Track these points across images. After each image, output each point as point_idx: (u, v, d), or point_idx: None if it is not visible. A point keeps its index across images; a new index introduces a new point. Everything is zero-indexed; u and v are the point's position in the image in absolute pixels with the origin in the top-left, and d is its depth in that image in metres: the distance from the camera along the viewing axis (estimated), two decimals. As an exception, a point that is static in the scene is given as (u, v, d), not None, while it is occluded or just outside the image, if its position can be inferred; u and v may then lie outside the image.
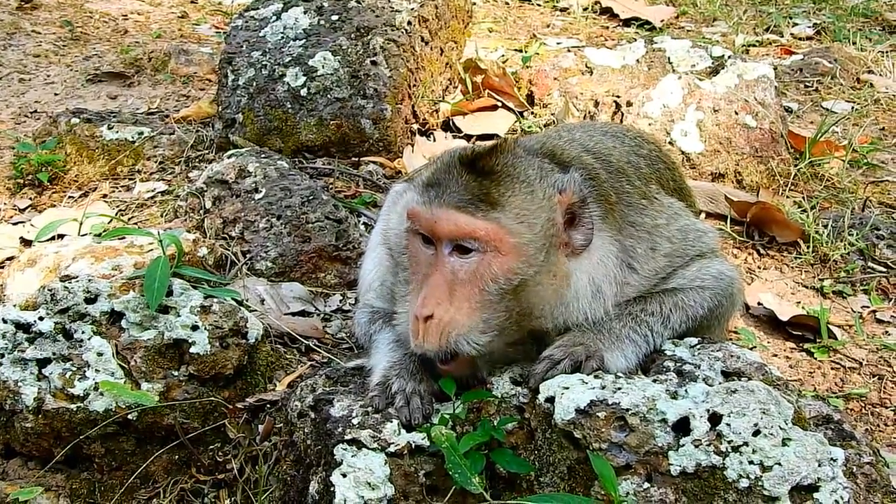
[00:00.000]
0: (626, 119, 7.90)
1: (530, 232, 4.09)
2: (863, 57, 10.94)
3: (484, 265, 4.05)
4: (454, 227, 4.04)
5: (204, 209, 6.69)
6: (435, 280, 4.08)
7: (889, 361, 6.06)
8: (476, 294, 4.07)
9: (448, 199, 4.06)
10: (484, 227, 4.03)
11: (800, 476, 3.63)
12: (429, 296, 4.06)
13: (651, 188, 4.85)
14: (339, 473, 3.98)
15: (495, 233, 4.04)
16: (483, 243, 4.04)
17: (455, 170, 4.13)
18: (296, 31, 8.08)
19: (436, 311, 4.03)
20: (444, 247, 4.08)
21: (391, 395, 4.23)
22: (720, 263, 4.76)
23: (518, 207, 4.09)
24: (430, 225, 4.09)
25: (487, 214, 4.04)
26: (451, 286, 4.07)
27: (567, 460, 3.89)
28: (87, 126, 7.84)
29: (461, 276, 4.06)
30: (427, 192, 4.14)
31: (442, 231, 4.06)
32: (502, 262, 4.05)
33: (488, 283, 4.06)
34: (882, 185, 8.16)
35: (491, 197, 4.07)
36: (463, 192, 4.07)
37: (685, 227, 4.75)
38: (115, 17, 11.78)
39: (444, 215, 4.05)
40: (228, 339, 4.96)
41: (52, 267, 5.78)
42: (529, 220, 4.10)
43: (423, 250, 4.19)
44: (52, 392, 4.66)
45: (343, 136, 7.69)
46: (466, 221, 4.03)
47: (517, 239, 4.06)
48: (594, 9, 12.52)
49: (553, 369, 4.10)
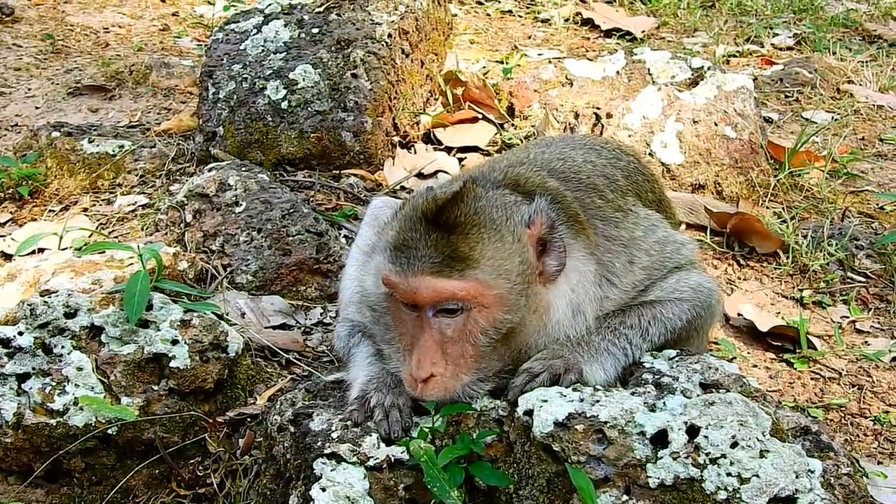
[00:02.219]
0: (606, 131, 7.92)
1: (508, 281, 4.09)
2: (843, 67, 10.97)
3: (471, 322, 4.07)
4: (434, 294, 4.03)
5: (184, 223, 6.68)
6: (425, 342, 4.09)
7: (868, 371, 6.08)
8: (469, 349, 4.10)
9: (421, 266, 4.03)
10: (462, 287, 4.02)
11: (777, 488, 3.64)
12: (423, 358, 4.08)
13: (627, 200, 4.85)
14: (318, 487, 3.98)
15: (475, 290, 4.03)
16: (465, 302, 4.04)
17: (421, 227, 4.09)
18: (276, 44, 8.08)
19: (433, 370, 4.08)
20: (428, 311, 4.09)
21: (370, 408, 4.22)
22: (699, 275, 4.77)
23: (491, 258, 4.08)
24: (410, 295, 4.08)
25: (464, 273, 4.03)
26: (442, 345, 4.10)
27: (546, 473, 3.90)
28: (68, 139, 7.82)
29: (450, 334, 4.09)
30: (398, 259, 4.10)
31: (422, 299, 4.06)
32: (487, 314, 4.07)
33: (478, 337, 4.09)
34: (862, 195, 8.18)
35: (462, 253, 4.04)
36: (434, 254, 4.04)
37: (663, 238, 4.76)
38: (97, 30, 11.75)
39: (422, 284, 4.03)
40: (208, 352, 4.96)
41: (32, 281, 5.77)
42: (504, 268, 4.10)
43: (406, 312, 4.19)
44: (31, 407, 4.66)
45: (324, 149, 7.69)
46: (444, 286, 4.02)
47: (497, 290, 4.07)
48: (575, 20, 12.52)
49: (532, 382, 4.11)
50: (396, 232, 4.18)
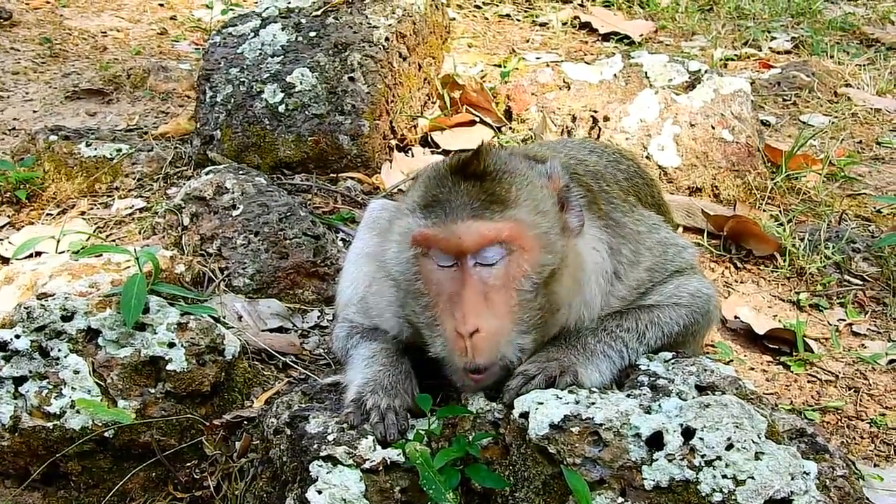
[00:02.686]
0: (603, 134, 7.93)
1: (545, 221, 4.10)
2: (840, 70, 10.98)
3: (513, 266, 4.02)
4: (478, 237, 3.98)
5: (182, 226, 6.68)
6: (468, 294, 4.00)
7: (865, 374, 6.08)
8: (513, 297, 4.04)
9: (460, 212, 4.01)
10: (505, 227, 3.99)
11: (773, 490, 3.64)
12: (468, 311, 3.98)
13: (630, 199, 4.88)
14: (314, 490, 3.98)
15: (517, 230, 4.01)
16: (508, 244, 4.00)
17: (449, 182, 4.08)
18: (273, 48, 8.09)
19: (480, 324, 3.97)
20: (469, 260, 4.02)
21: (366, 411, 4.20)
22: (698, 281, 4.77)
23: (527, 199, 4.09)
24: (453, 244, 4.01)
25: (504, 214, 4.01)
26: (486, 296, 4.01)
27: (542, 475, 3.90)
28: (66, 143, 7.83)
29: (493, 282, 4.01)
30: (431, 213, 4.07)
31: (466, 245, 3.99)
32: (529, 257, 4.03)
33: (521, 282, 4.03)
34: (859, 198, 8.19)
35: (499, 196, 4.04)
36: (471, 199, 4.02)
37: (665, 240, 4.78)
38: (94, 33, 11.77)
39: (465, 229, 3.98)
40: (205, 355, 4.96)
41: (29, 285, 5.77)
42: (540, 208, 4.11)
43: (440, 271, 4.10)
44: (28, 410, 4.66)
45: (321, 152, 7.70)
46: (488, 227, 3.98)
47: (537, 230, 4.06)
48: (573, 24, 12.53)
49: (527, 385, 4.10)
50: (421, 193, 4.16)
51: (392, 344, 4.61)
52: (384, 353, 4.53)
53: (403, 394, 4.29)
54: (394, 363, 4.47)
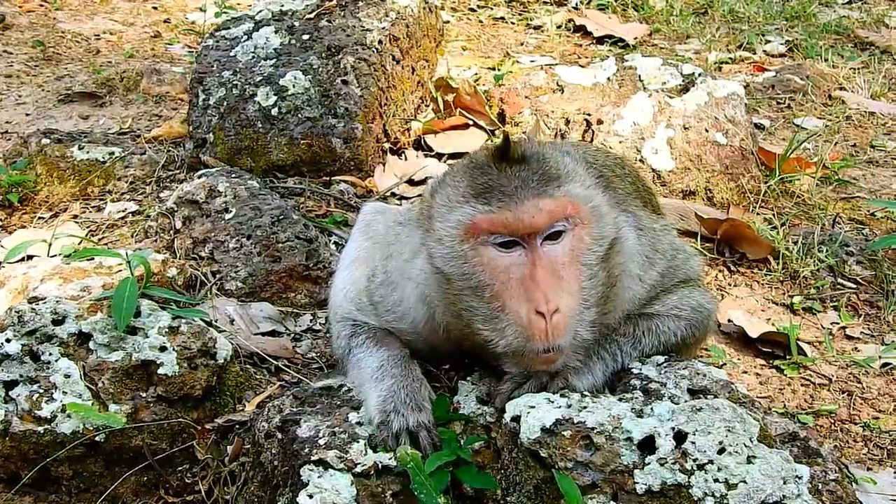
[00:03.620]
0: (596, 137, 7.92)
1: (595, 193, 4.13)
2: (834, 74, 10.99)
3: (576, 240, 4.01)
4: (546, 215, 3.96)
5: (174, 229, 6.68)
6: (542, 274, 3.96)
7: (859, 378, 6.07)
8: (582, 271, 4.03)
9: (523, 193, 3.97)
10: (567, 201, 4.00)
11: (765, 494, 3.63)
12: (547, 290, 3.94)
13: (638, 202, 4.89)
14: (305, 494, 3.97)
15: (576, 205, 4.02)
16: (571, 218, 4.00)
17: (496, 168, 4.06)
18: (266, 51, 8.08)
19: (560, 302, 3.94)
20: (537, 239, 3.98)
21: (395, 433, 4.11)
22: (701, 295, 4.76)
23: (574, 173, 4.12)
24: (520, 224, 3.96)
25: (561, 188, 4.02)
26: (558, 274, 3.99)
27: (533, 479, 3.89)
28: (58, 146, 7.80)
29: (562, 259, 4.00)
30: (491, 198, 4.01)
31: (537, 223, 3.96)
32: (589, 231, 4.04)
33: (587, 256, 4.03)
34: (853, 201, 8.19)
35: (551, 174, 4.04)
36: (528, 179, 4.01)
37: (674, 245, 4.80)
38: (88, 36, 11.76)
39: (532, 208, 3.95)
40: (197, 359, 4.94)
41: (21, 288, 5.76)
42: (587, 183, 4.15)
43: (504, 257, 4.02)
44: (19, 414, 4.64)
45: (314, 156, 7.68)
46: (553, 204, 3.97)
47: (591, 203, 4.08)
48: (567, 27, 12.55)
49: (519, 388, 4.10)
50: (469, 182, 4.11)
51: (399, 349, 4.58)
52: (393, 361, 4.47)
53: (423, 403, 4.23)
54: (405, 371, 4.41)
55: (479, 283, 4.06)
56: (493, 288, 4.03)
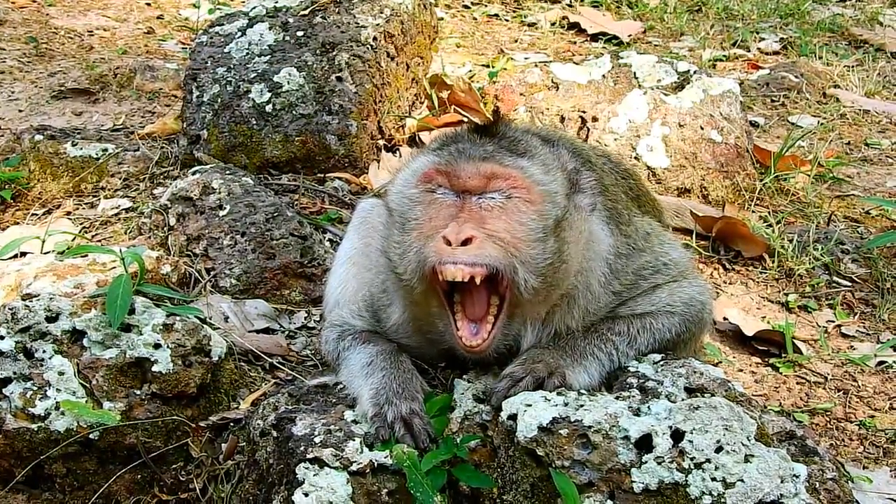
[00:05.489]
0: (591, 135, 7.91)
1: (554, 182, 4.15)
2: (829, 72, 11.00)
3: (512, 206, 4.05)
4: (483, 178, 4.06)
5: (168, 226, 6.66)
6: (464, 216, 4.03)
7: (854, 376, 6.07)
8: (516, 228, 4.03)
9: (472, 154, 4.10)
10: (513, 173, 4.07)
11: (762, 492, 3.63)
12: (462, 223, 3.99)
13: (630, 203, 4.88)
14: (301, 492, 3.96)
15: (523, 181, 4.07)
16: (513, 189, 4.05)
17: (468, 135, 4.22)
18: (261, 47, 8.05)
19: (475, 233, 3.95)
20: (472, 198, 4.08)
21: (390, 423, 4.15)
22: (692, 287, 4.75)
23: (540, 157, 4.20)
24: (456, 179, 4.08)
25: (515, 162, 4.10)
26: (482, 221, 4.02)
27: (530, 478, 3.88)
28: (51, 143, 7.77)
29: (492, 213, 4.04)
30: (445, 152, 4.15)
31: (472, 183, 4.06)
32: (532, 208, 4.06)
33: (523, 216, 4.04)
34: (847, 199, 8.19)
35: (514, 149, 4.15)
36: (487, 147, 4.13)
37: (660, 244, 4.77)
38: (81, 33, 11.71)
39: (472, 167, 4.07)
40: (191, 357, 4.93)
41: (14, 285, 5.73)
42: (551, 171, 4.18)
43: (439, 200, 4.13)
44: (12, 412, 4.62)
45: (308, 152, 7.66)
46: (495, 169, 4.06)
47: (544, 187, 4.11)
48: (562, 24, 12.53)
49: (515, 387, 4.09)
50: (440, 144, 4.28)
51: (387, 344, 4.60)
52: (382, 356, 4.49)
53: (415, 393, 4.28)
54: (394, 364, 4.44)
55: (408, 218, 4.19)
56: (418, 223, 4.16)
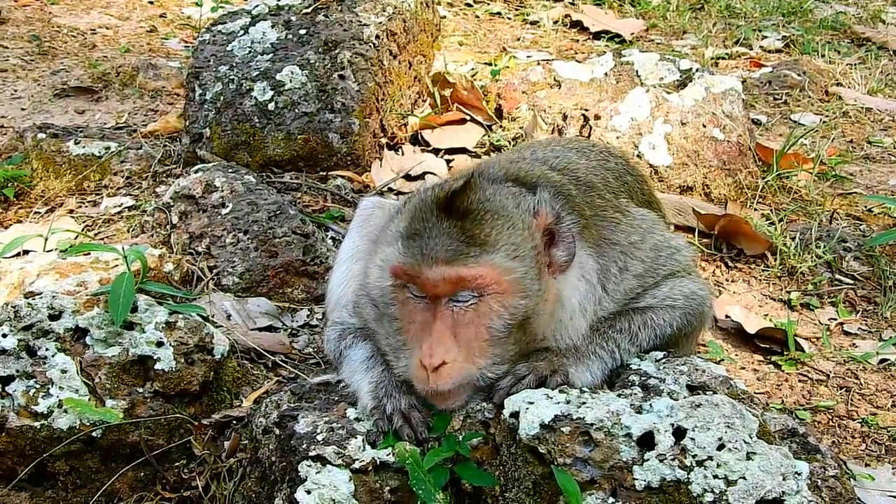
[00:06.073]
0: (594, 132, 7.90)
1: (523, 265, 4.06)
2: (831, 69, 11.00)
3: (485, 308, 4.02)
4: (450, 283, 3.99)
5: (171, 224, 6.66)
6: (437, 329, 4.03)
7: (856, 374, 6.07)
8: (483, 334, 4.05)
9: (437, 254, 3.99)
10: (480, 273, 3.98)
11: (764, 490, 3.63)
12: (435, 345, 4.01)
13: (621, 201, 4.84)
14: (303, 490, 3.96)
15: (492, 275, 4.00)
16: (480, 289, 4.00)
17: (433, 216, 4.06)
18: (263, 46, 8.05)
19: (446, 357, 4.00)
20: (442, 300, 4.04)
21: (388, 416, 4.18)
22: (692, 282, 4.73)
23: (506, 243, 4.05)
24: (422, 284, 4.04)
25: (479, 258, 3.99)
26: (455, 332, 4.03)
27: (532, 475, 3.88)
28: (54, 141, 7.78)
29: (465, 321, 4.03)
30: (410, 249, 4.06)
31: (436, 288, 4.01)
32: (502, 300, 4.03)
33: (493, 322, 4.03)
34: (850, 197, 8.19)
35: (477, 239, 4.01)
36: (449, 241, 4.00)
37: (658, 244, 4.74)
38: (84, 31, 11.72)
39: (439, 273, 3.98)
40: (194, 355, 4.94)
41: (17, 283, 5.74)
42: (519, 252, 4.07)
43: (414, 304, 4.13)
44: (15, 410, 4.62)
45: (311, 151, 7.66)
46: (462, 273, 3.98)
47: (513, 275, 4.03)
48: (564, 22, 12.53)
49: (517, 384, 4.09)
50: (408, 222, 4.14)
51: None
52: (381, 352, 4.49)
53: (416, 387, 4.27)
54: None
55: (393, 316, 4.23)
56: (400, 323, 4.20)
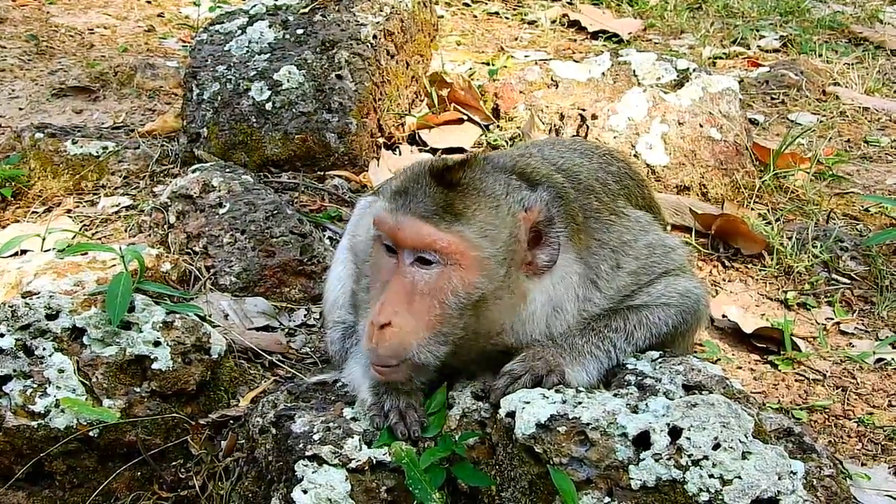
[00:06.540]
0: (591, 132, 7.90)
1: (492, 246, 4.09)
2: (829, 69, 10.99)
3: (444, 278, 4.05)
4: (416, 237, 4.04)
5: (168, 224, 6.66)
6: (394, 288, 4.08)
7: (853, 373, 6.08)
8: (435, 307, 4.06)
9: (413, 208, 4.06)
10: (446, 238, 4.03)
11: (760, 489, 3.64)
12: (387, 303, 4.05)
13: (619, 203, 4.83)
14: (300, 490, 3.97)
15: (457, 245, 4.03)
16: (444, 255, 4.03)
17: (423, 180, 4.13)
18: (261, 45, 8.05)
19: (393, 319, 4.03)
20: (406, 256, 4.08)
21: (385, 412, 4.21)
22: (687, 281, 4.74)
23: (482, 221, 4.09)
24: (394, 233, 4.09)
25: (451, 226, 4.04)
26: (411, 296, 4.06)
27: (528, 475, 3.89)
28: (52, 141, 7.77)
29: (421, 286, 4.06)
30: (394, 201, 4.13)
31: (404, 240, 4.06)
32: (462, 275, 4.05)
33: (448, 297, 4.05)
34: (847, 197, 8.19)
35: (455, 209, 4.07)
36: (429, 202, 4.07)
37: (653, 243, 4.74)
38: (81, 31, 11.71)
39: (408, 224, 4.05)
40: (191, 354, 4.94)
41: (14, 283, 5.75)
42: (492, 234, 4.10)
43: (385, 258, 4.18)
44: (12, 409, 4.63)
45: (308, 151, 7.66)
46: (429, 232, 4.03)
47: (478, 252, 4.05)
48: (562, 21, 12.53)
49: (514, 384, 4.10)
50: (400, 182, 4.23)
51: None
52: None
53: (415, 389, 4.29)
54: None
55: (365, 272, 4.41)
56: (369, 280, 4.34)
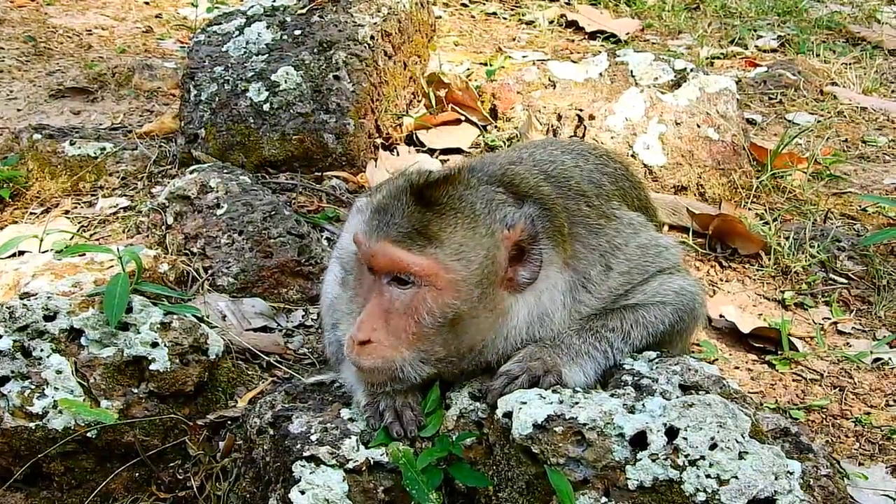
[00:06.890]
0: (588, 132, 7.90)
1: (466, 269, 4.09)
2: (826, 69, 11.00)
3: (419, 299, 4.06)
4: (389, 263, 4.07)
5: (166, 225, 6.66)
6: (372, 306, 4.13)
7: (850, 373, 6.08)
8: (412, 325, 4.09)
9: (388, 232, 4.08)
10: (419, 262, 4.04)
11: (756, 489, 3.64)
12: (365, 321, 4.11)
13: (612, 205, 4.81)
14: (297, 490, 3.98)
15: (430, 268, 4.05)
16: (418, 278, 4.05)
17: (403, 197, 4.14)
18: (258, 46, 8.06)
19: (371, 336, 4.09)
20: (383, 277, 4.12)
21: (380, 413, 4.23)
22: (682, 279, 4.74)
23: (457, 243, 4.09)
24: (368, 258, 4.13)
25: (424, 250, 4.05)
26: (388, 315, 4.11)
27: (525, 475, 3.89)
28: (50, 142, 7.77)
29: (397, 305, 4.09)
30: (371, 221, 4.16)
31: (378, 264, 4.10)
32: (437, 296, 4.06)
33: (423, 316, 4.07)
34: (844, 196, 8.19)
35: (430, 231, 4.07)
36: (404, 223, 4.08)
37: (645, 243, 4.73)
38: (79, 32, 11.71)
39: (381, 249, 4.07)
40: (189, 355, 4.94)
41: (12, 284, 5.75)
42: (467, 256, 4.10)
43: (366, 274, 4.22)
44: (10, 410, 4.63)
45: (306, 151, 7.66)
46: (401, 256, 4.05)
47: (452, 275, 4.06)
48: (560, 22, 12.54)
49: (511, 384, 4.10)
50: (382, 196, 4.23)
51: None
52: None
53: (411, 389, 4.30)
54: None
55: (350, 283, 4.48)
56: (353, 292, 4.42)
